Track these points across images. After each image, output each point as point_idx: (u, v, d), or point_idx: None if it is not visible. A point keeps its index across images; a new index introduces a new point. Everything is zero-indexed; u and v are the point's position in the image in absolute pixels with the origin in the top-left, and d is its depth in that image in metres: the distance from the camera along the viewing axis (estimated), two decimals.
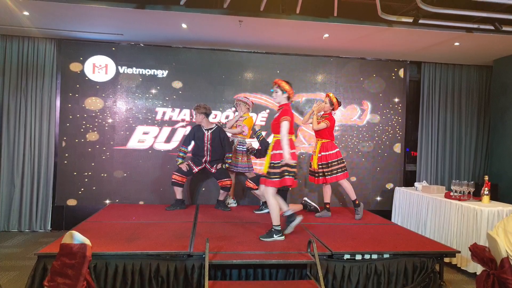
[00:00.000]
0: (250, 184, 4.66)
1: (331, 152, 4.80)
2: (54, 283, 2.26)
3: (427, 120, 6.34)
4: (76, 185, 5.49)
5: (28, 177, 5.41)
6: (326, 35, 5.10)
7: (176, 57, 5.72)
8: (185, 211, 5.02)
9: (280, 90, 3.85)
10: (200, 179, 5.70)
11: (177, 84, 5.73)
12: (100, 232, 3.81)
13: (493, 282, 2.53)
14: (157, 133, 5.69)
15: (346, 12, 4.51)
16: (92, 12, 4.44)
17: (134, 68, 5.64)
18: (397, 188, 5.73)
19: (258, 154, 4.78)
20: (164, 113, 5.70)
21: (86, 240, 2.32)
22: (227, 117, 5.79)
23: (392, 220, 5.60)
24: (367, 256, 3.45)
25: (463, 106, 6.41)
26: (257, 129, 4.70)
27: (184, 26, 4.85)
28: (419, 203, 5.06)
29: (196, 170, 5.10)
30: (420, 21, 4.36)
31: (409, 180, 6.31)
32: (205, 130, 5.08)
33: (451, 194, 4.57)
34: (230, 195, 5.45)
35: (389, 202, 5.96)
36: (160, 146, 5.69)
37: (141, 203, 5.61)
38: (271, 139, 3.97)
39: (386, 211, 5.87)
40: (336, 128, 5.87)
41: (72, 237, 2.34)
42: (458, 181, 4.55)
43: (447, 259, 3.99)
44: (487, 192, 4.28)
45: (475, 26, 4.63)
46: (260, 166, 5.51)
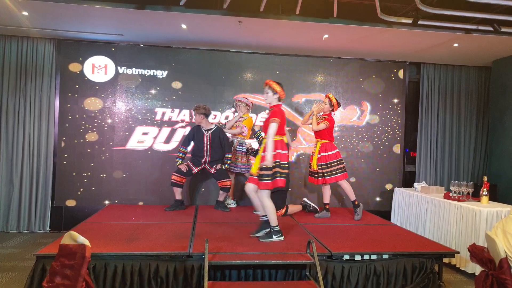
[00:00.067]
0: None
1: (331, 152, 4.81)
2: (53, 284, 2.25)
3: (427, 121, 6.34)
4: (75, 185, 5.49)
5: (27, 177, 5.40)
6: (326, 36, 5.11)
7: (175, 57, 5.72)
8: (184, 212, 5.02)
9: (271, 91, 3.83)
10: (199, 179, 5.70)
11: (176, 84, 5.73)
12: (99, 232, 3.81)
13: (492, 283, 2.53)
14: (156, 133, 5.69)
15: (345, 13, 4.52)
16: (91, 12, 4.44)
17: (134, 69, 5.64)
18: (396, 189, 5.74)
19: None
20: (163, 113, 5.70)
21: (85, 241, 2.31)
22: (226, 117, 5.79)
23: (392, 220, 5.60)
24: (366, 257, 3.46)
25: (462, 107, 6.42)
26: (256, 129, 4.71)
27: (184, 26, 4.85)
28: (418, 203, 5.06)
29: (195, 170, 5.10)
30: (420, 22, 4.36)
31: (408, 180, 6.31)
32: (204, 130, 5.08)
33: (450, 194, 4.57)
34: (229, 195, 5.44)
35: (388, 203, 5.96)
36: (160, 146, 5.69)
37: (140, 203, 5.61)
38: None
39: (385, 212, 5.87)
40: (336, 128, 5.87)
41: (71, 237, 2.34)
42: (457, 181, 4.56)
43: (446, 260, 3.99)
44: (486, 192, 4.29)
45: (474, 27, 4.64)
46: None
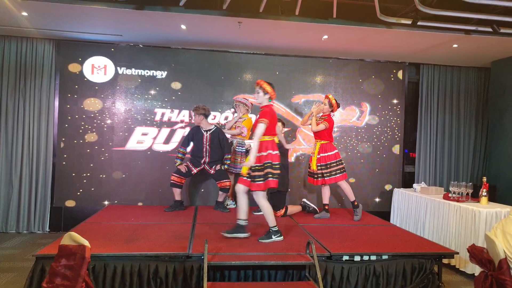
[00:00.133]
0: None
1: (330, 153, 4.81)
2: (52, 285, 2.25)
3: (426, 122, 6.35)
4: (74, 186, 5.48)
5: (27, 178, 5.40)
6: (325, 37, 5.11)
7: (175, 58, 5.72)
8: (184, 212, 5.02)
9: (262, 91, 3.83)
10: (199, 180, 5.69)
11: (176, 85, 5.72)
12: (98, 233, 3.81)
13: (491, 283, 2.53)
14: (156, 134, 5.68)
15: (345, 14, 4.52)
16: (91, 13, 4.43)
17: (133, 69, 5.63)
18: (395, 190, 5.74)
19: None
20: (163, 114, 5.70)
21: (84, 241, 2.31)
22: (226, 118, 5.79)
23: (391, 221, 5.61)
24: (365, 257, 3.46)
25: (462, 107, 6.42)
26: None
27: (183, 27, 4.85)
28: (417, 204, 5.07)
29: (195, 171, 5.10)
30: (419, 23, 4.37)
31: (407, 181, 6.32)
32: (204, 131, 5.08)
33: (450, 195, 4.58)
34: (229, 196, 5.44)
35: (387, 204, 5.96)
36: (159, 147, 5.69)
37: (140, 204, 5.60)
38: None
39: (384, 212, 5.87)
40: (335, 129, 5.87)
41: (71, 238, 2.34)
42: (457, 182, 4.56)
43: (445, 260, 3.99)
44: (485, 193, 4.29)
45: (474, 28, 4.65)
46: None
